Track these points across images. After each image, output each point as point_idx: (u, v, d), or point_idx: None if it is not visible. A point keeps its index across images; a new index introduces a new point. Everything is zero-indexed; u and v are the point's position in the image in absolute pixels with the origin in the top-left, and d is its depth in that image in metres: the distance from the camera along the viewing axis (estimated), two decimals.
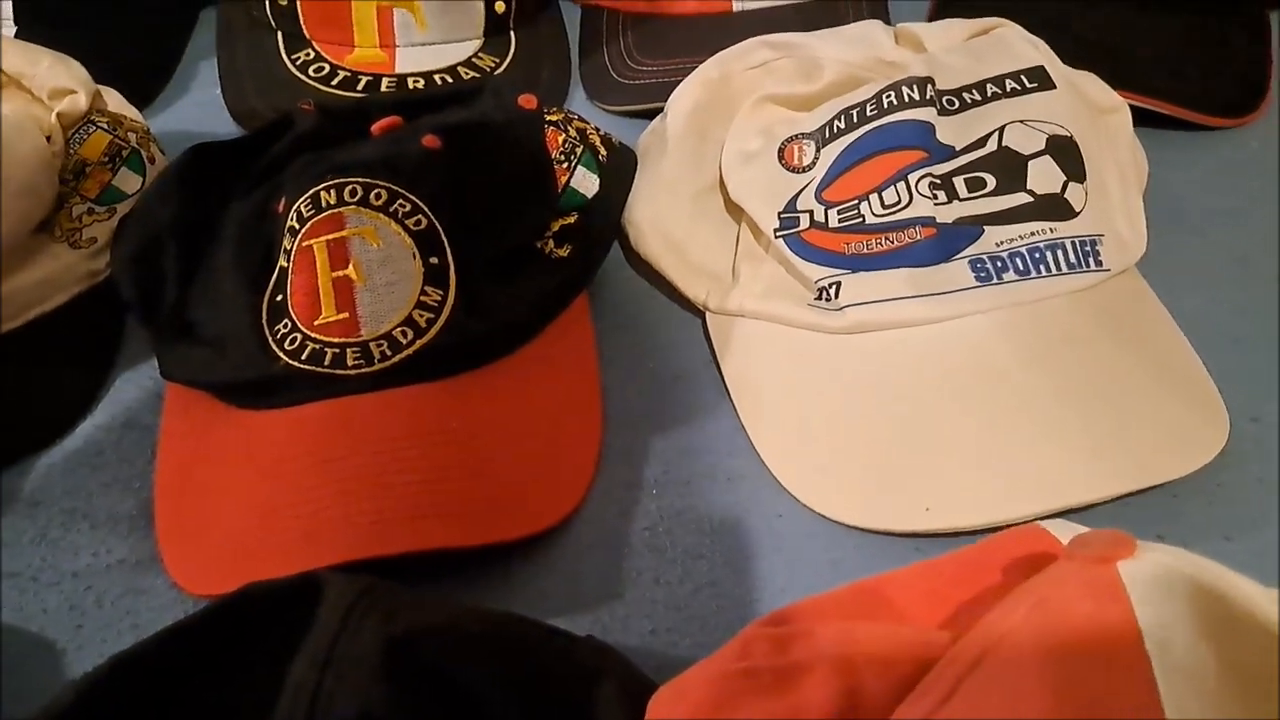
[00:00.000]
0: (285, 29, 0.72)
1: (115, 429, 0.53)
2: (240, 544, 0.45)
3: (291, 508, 0.45)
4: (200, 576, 0.45)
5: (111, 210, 0.62)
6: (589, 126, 0.59)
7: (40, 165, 0.59)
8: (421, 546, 0.43)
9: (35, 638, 0.45)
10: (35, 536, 0.48)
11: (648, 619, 0.43)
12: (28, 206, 0.59)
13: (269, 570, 0.41)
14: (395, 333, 0.49)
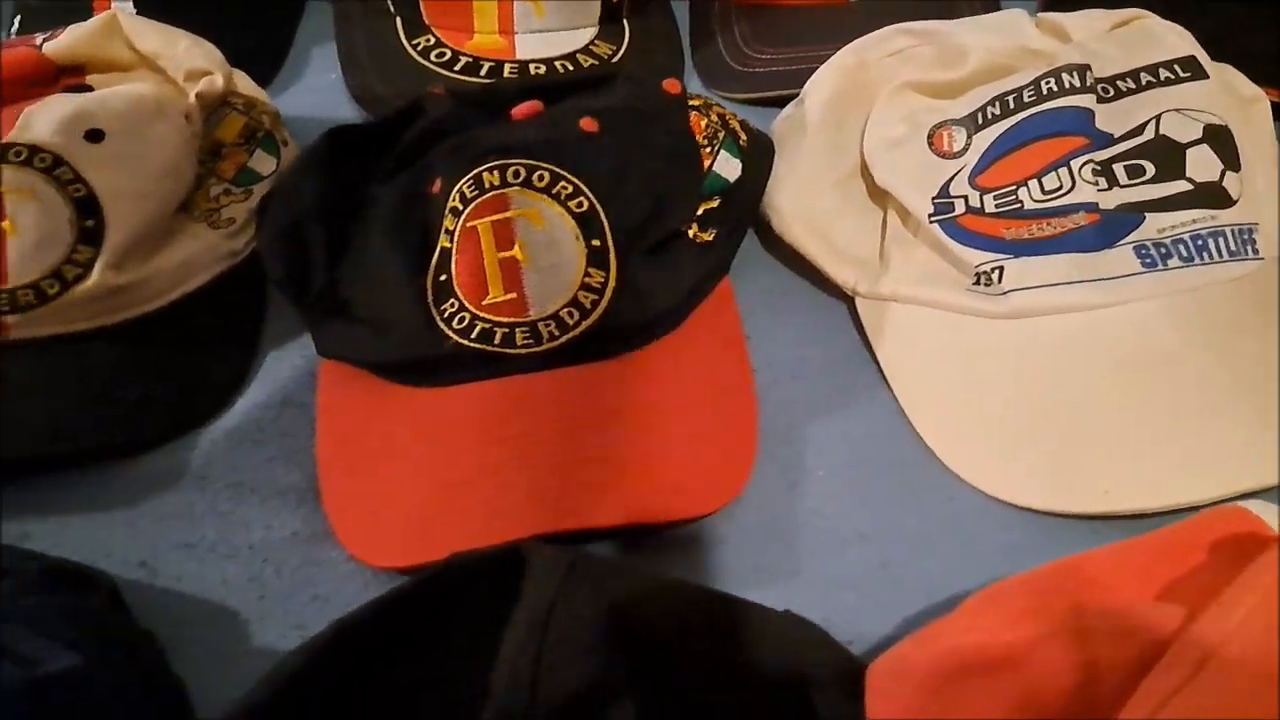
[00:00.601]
0: (405, 15, 0.72)
1: (273, 406, 0.53)
2: (422, 518, 0.45)
3: (474, 483, 0.45)
4: (380, 549, 0.46)
5: (248, 191, 0.62)
6: (727, 112, 0.60)
7: (181, 145, 0.60)
8: (606, 523, 0.44)
9: (217, 607, 0.45)
10: (206, 509, 0.49)
11: (822, 598, 0.44)
12: (171, 186, 0.59)
13: (455, 544, 0.42)
14: (562, 313, 0.49)
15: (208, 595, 0.46)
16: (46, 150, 0.55)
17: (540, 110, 0.58)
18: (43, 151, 0.55)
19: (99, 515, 0.48)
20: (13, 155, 0.55)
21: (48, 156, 0.55)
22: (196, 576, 0.46)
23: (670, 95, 0.56)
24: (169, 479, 0.50)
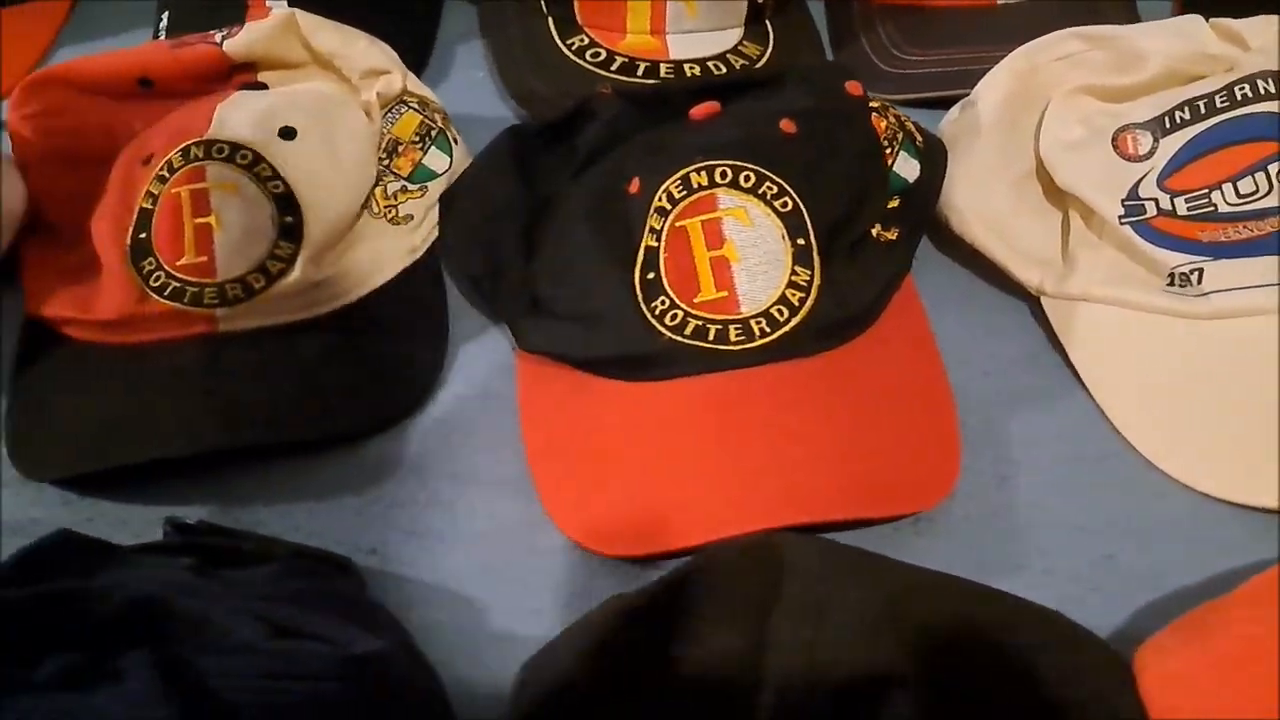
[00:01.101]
0: (557, 15, 0.73)
1: (474, 398, 0.54)
2: (650, 509, 0.47)
3: (699, 476, 0.47)
4: (609, 539, 0.47)
5: (424, 188, 0.64)
6: (901, 114, 0.61)
7: (366, 141, 0.61)
8: (831, 518, 0.45)
9: (453, 594, 0.47)
10: (428, 498, 0.50)
11: (1049, 591, 0.45)
12: (359, 182, 0.61)
13: (687, 535, 0.43)
14: (772, 310, 0.51)
15: (442, 582, 0.47)
16: (247, 147, 0.57)
17: (718, 111, 0.59)
18: (243, 148, 0.57)
19: (325, 503, 0.50)
20: (215, 152, 0.56)
21: (248, 153, 0.57)
22: (427, 564, 0.48)
23: (854, 97, 0.58)
24: (388, 468, 0.51)
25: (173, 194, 0.56)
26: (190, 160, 0.56)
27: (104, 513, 0.50)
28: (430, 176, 0.64)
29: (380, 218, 0.62)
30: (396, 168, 0.63)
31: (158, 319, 0.55)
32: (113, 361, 0.54)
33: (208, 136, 0.57)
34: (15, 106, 0.64)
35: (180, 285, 0.55)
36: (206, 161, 0.56)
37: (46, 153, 0.63)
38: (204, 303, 0.55)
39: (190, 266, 0.55)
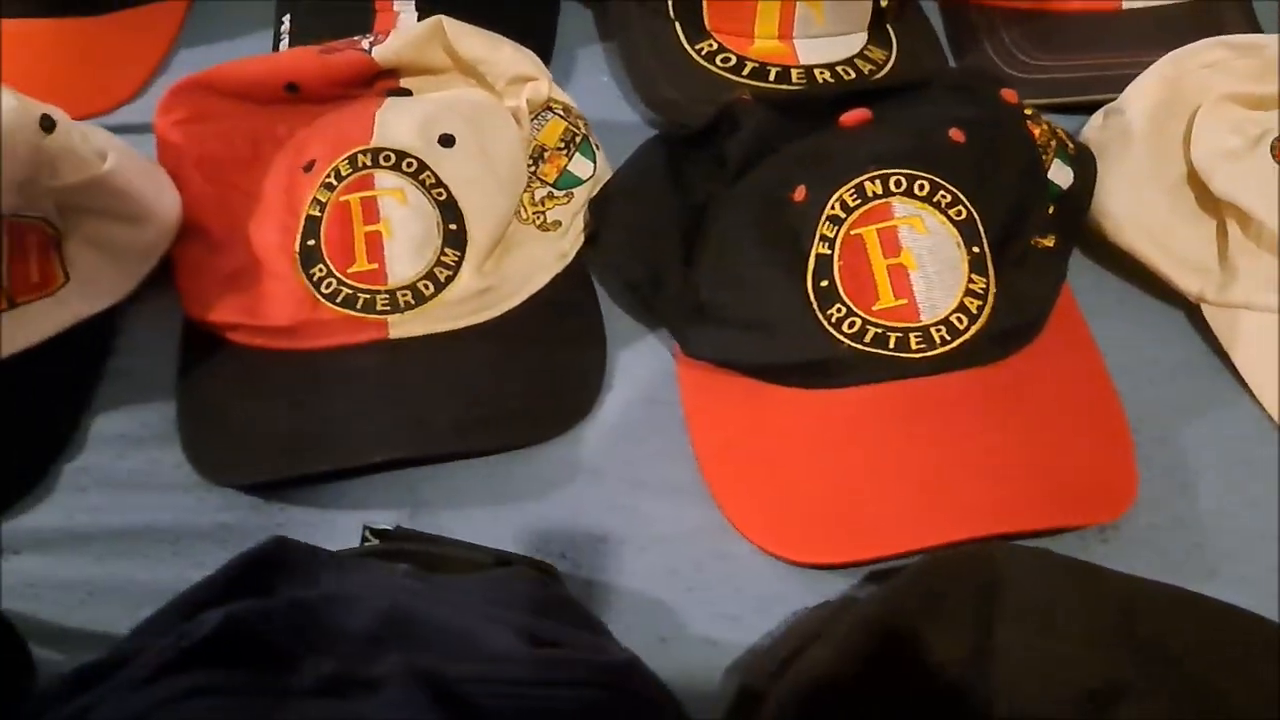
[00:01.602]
0: (685, 20, 0.74)
1: (640, 404, 0.55)
2: (845, 517, 0.47)
3: (896, 485, 0.47)
4: (799, 545, 0.48)
5: (569, 194, 0.64)
6: (1051, 121, 0.61)
7: (518, 147, 0.62)
8: (1034, 526, 0.46)
9: (645, 598, 0.48)
10: (609, 503, 0.51)
11: (1245, 597, 0.45)
12: (514, 189, 0.61)
13: (891, 545, 0.44)
14: (951, 318, 0.51)
15: (631, 586, 0.48)
16: (412, 155, 0.58)
17: (869, 119, 0.60)
18: (408, 156, 0.58)
19: (508, 508, 0.50)
20: (382, 160, 0.57)
21: (413, 161, 0.58)
22: (614, 568, 0.48)
23: (1011, 105, 0.58)
24: (565, 473, 0.52)
25: (341, 201, 0.57)
26: (358, 168, 0.57)
27: (293, 518, 0.51)
28: (575, 183, 0.64)
29: (529, 224, 0.63)
30: (543, 174, 0.64)
31: (329, 325, 0.56)
32: (290, 367, 0.55)
33: (373, 145, 0.58)
34: (163, 112, 0.65)
35: (352, 292, 0.56)
36: (374, 169, 0.57)
37: (195, 157, 0.64)
38: (376, 309, 0.55)
39: (362, 274, 0.56)
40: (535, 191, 0.63)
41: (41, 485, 0.53)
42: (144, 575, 0.49)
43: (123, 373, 0.58)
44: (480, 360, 0.55)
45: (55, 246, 0.59)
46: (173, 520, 0.51)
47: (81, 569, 0.49)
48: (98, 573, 0.49)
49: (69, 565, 0.49)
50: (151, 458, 0.53)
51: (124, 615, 0.47)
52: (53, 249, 0.59)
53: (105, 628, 0.47)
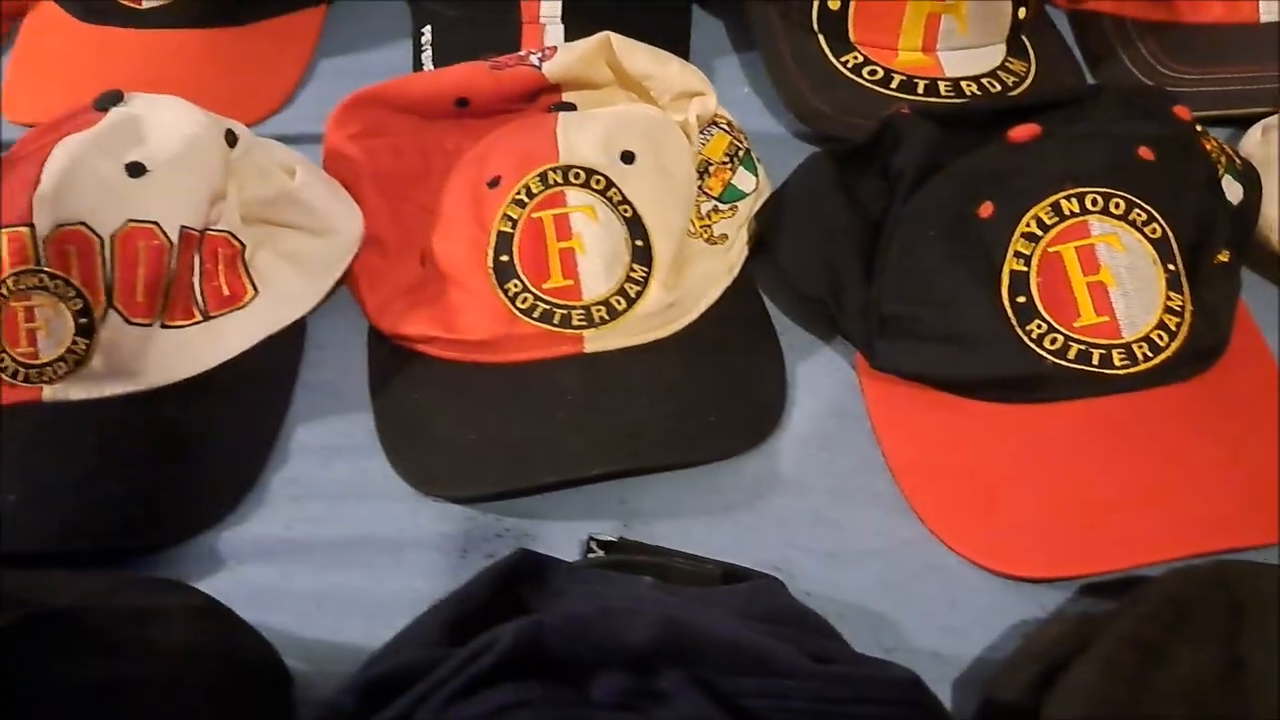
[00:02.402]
0: (828, 32, 0.75)
1: (827, 415, 0.57)
2: (1060, 532, 0.49)
3: (1111, 500, 0.49)
4: (1018, 560, 0.49)
5: (734, 207, 0.65)
6: (1216, 137, 0.62)
7: (691, 160, 0.63)
8: (1256, 543, 0.47)
9: (862, 610, 0.49)
10: (814, 516, 0.52)
11: None
12: (689, 203, 0.62)
13: (1112, 560, 0.45)
14: (1152, 335, 0.52)
15: (848, 598, 0.49)
16: (600, 172, 0.59)
17: (1039, 134, 0.61)
18: (597, 173, 0.59)
19: (722, 519, 0.52)
20: (573, 177, 0.58)
21: (601, 178, 0.59)
22: (829, 581, 0.50)
23: (1185, 121, 0.59)
24: (766, 484, 0.53)
25: (534, 218, 0.58)
26: (549, 185, 0.58)
27: (510, 528, 0.52)
28: (739, 196, 0.66)
29: (698, 238, 0.64)
30: (708, 188, 0.65)
31: (527, 339, 0.57)
32: (491, 381, 0.56)
33: (563, 162, 0.59)
34: (336, 126, 0.66)
35: (549, 307, 0.57)
36: (565, 186, 0.58)
37: (371, 171, 0.65)
38: (572, 324, 0.57)
39: (558, 289, 0.57)
40: (701, 205, 0.64)
41: (253, 496, 0.54)
42: (371, 584, 0.50)
43: (313, 384, 0.59)
44: (674, 373, 0.56)
45: (241, 260, 0.60)
46: (391, 530, 0.52)
47: (308, 579, 0.50)
48: (325, 583, 0.50)
49: (296, 575, 0.50)
50: (358, 468, 0.55)
51: (358, 624, 0.49)
52: (239, 262, 0.60)
53: (341, 637, 0.48)
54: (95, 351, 0.55)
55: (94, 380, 0.55)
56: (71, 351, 0.55)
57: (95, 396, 0.55)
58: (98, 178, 0.56)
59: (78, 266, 0.55)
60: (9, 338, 0.54)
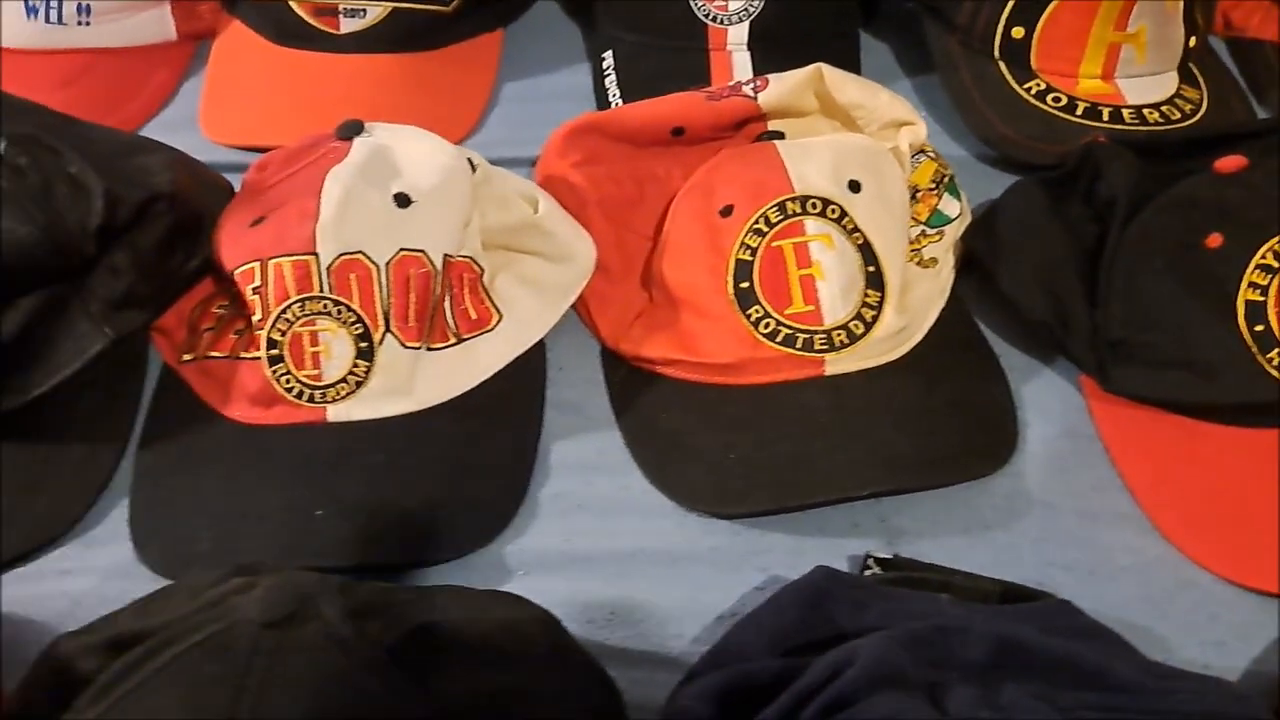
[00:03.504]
0: (1009, 59, 0.78)
1: (1060, 437, 0.59)
2: None
3: None
4: (1267, 573, 0.52)
5: (940, 232, 0.68)
6: None
7: (905, 187, 0.66)
8: None
9: (1125, 624, 0.51)
10: (1067, 535, 0.55)
11: None
12: (907, 226, 0.65)
13: None
14: None
15: (1113, 614, 0.51)
16: (835, 202, 0.62)
17: (1246, 165, 0.63)
18: (832, 203, 0.62)
19: (980, 538, 0.55)
20: (810, 207, 0.61)
21: (836, 207, 0.62)
22: (1094, 596, 0.52)
23: None
24: (1021, 504, 0.56)
25: (774, 247, 0.61)
26: (788, 215, 0.61)
27: (776, 544, 0.55)
28: (945, 221, 0.69)
29: (910, 262, 0.67)
30: (915, 213, 0.68)
31: (771, 363, 0.60)
32: (739, 402, 0.59)
33: (799, 193, 0.62)
34: (560, 155, 0.69)
35: (792, 331, 0.60)
36: (803, 216, 0.61)
37: (597, 198, 0.68)
38: (815, 348, 0.60)
39: (799, 314, 0.60)
40: (910, 230, 0.67)
41: (525, 510, 0.57)
42: (656, 596, 0.53)
43: (557, 403, 0.62)
44: (910, 396, 0.59)
45: (481, 284, 0.63)
46: (664, 544, 0.55)
47: (595, 590, 0.53)
48: (612, 594, 0.53)
49: (583, 587, 0.53)
50: (619, 484, 0.58)
51: (653, 634, 0.52)
52: (480, 287, 0.63)
53: (643, 645, 0.51)
54: (374, 373, 0.58)
55: (373, 400, 0.58)
56: (353, 373, 0.58)
57: (376, 416, 0.58)
58: (370, 208, 0.59)
59: (358, 293, 0.58)
60: (295, 360, 0.57)
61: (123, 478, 0.59)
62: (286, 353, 0.57)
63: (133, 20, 0.82)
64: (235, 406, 0.59)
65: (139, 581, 0.54)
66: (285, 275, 0.57)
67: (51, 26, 0.80)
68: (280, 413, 0.58)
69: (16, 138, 0.58)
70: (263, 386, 0.58)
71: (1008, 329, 0.65)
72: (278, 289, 0.57)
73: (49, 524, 0.56)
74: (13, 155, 0.58)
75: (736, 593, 0.53)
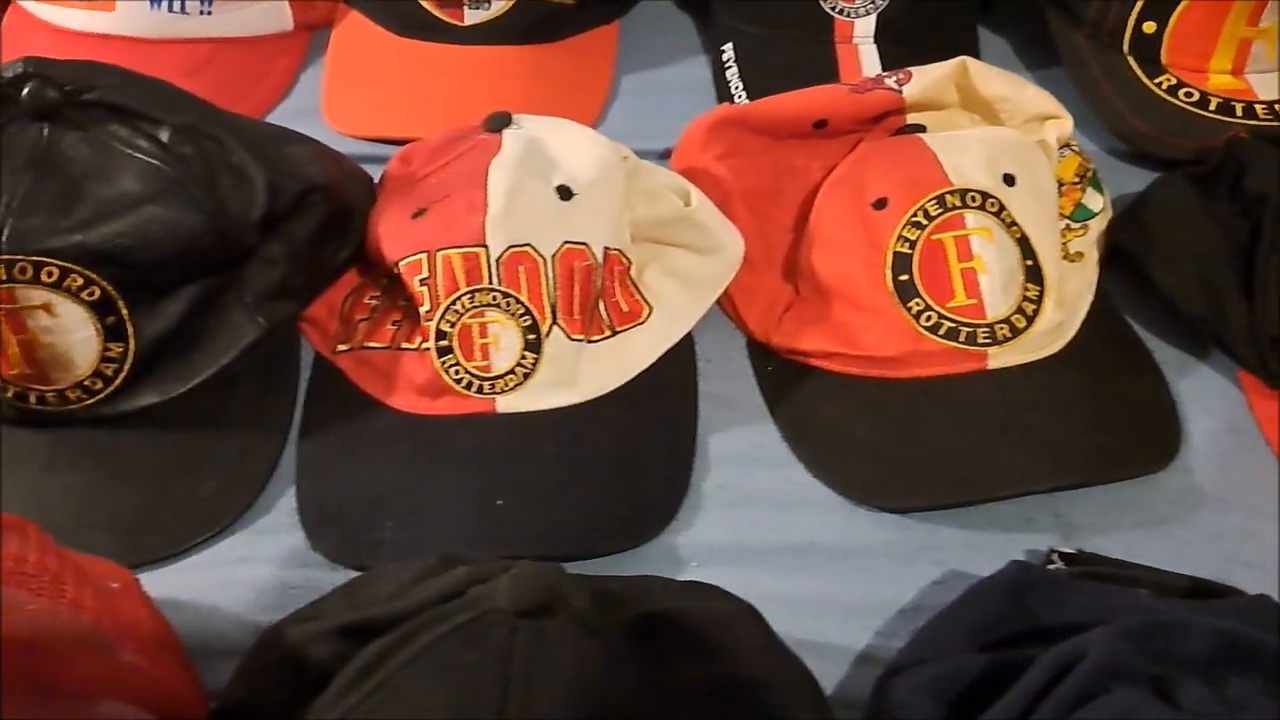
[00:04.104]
0: (1139, 54, 0.77)
1: (1224, 432, 0.59)
2: None
3: None
4: None
5: (1085, 226, 0.68)
6: None
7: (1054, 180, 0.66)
8: None
9: None
10: (1239, 531, 0.55)
11: None
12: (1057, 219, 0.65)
13: None
14: None
15: None
16: (993, 195, 0.62)
17: None
18: (991, 196, 0.62)
19: (1154, 532, 0.54)
20: (969, 200, 0.61)
21: (995, 201, 0.62)
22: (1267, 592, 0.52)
23: None
24: (1190, 499, 0.56)
25: (934, 240, 0.61)
26: (947, 209, 0.61)
27: (949, 538, 0.55)
28: (1089, 215, 0.68)
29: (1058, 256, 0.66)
30: (1060, 207, 0.68)
31: (932, 356, 0.60)
32: (904, 395, 0.59)
33: (958, 186, 0.62)
34: (703, 147, 0.69)
35: (954, 325, 0.60)
36: (963, 210, 0.61)
37: (741, 191, 0.68)
38: (978, 342, 0.60)
39: (961, 308, 0.60)
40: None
41: (689, 501, 0.57)
42: (834, 589, 0.53)
43: (708, 395, 0.62)
44: (1071, 390, 0.59)
45: (629, 277, 0.63)
46: (835, 538, 0.55)
47: (771, 583, 0.53)
48: (788, 586, 0.53)
49: (758, 579, 0.53)
50: (781, 477, 0.58)
51: (835, 628, 0.52)
52: (628, 279, 0.63)
53: (826, 638, 0.51)
54: (542, 365, 0.58)
55: (540, 392, 0.58)
56: (520, 365, 0.58)
57: (543, 408, 0.58)
58: (536, 201, 0.59)
59: (526, 285, 0.58)
60: (464, 351, 0.58)
61: (284, 467, 0.59)
62: (456, 344, 0.57)
63: (253, 10, 0.82)
64: (400, 396, 0.59)
65: (317, 569, 0.54)
66: (454, 267, 0.57)
67: (175, 16, 0.80)
68: (448, 403, 0.58)
69: (180, 127, 0.58)
70: (431, 377, 0.58)
71: (1157, 323, 0.65)
72: (447, 280, 0.57)
73: (218, 513, 0.57)
74: (177, 144, 0.57)
75: (915, 586, 0.53)
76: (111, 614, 0.42)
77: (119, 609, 0.43)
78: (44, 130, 0.57)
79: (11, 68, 0.57)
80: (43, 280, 0.54)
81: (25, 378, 0.56)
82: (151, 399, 0.59)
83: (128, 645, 0.42)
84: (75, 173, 0.56)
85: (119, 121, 0.58)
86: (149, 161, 0.57)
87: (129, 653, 0.40)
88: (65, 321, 0.55)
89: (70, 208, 0.55)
